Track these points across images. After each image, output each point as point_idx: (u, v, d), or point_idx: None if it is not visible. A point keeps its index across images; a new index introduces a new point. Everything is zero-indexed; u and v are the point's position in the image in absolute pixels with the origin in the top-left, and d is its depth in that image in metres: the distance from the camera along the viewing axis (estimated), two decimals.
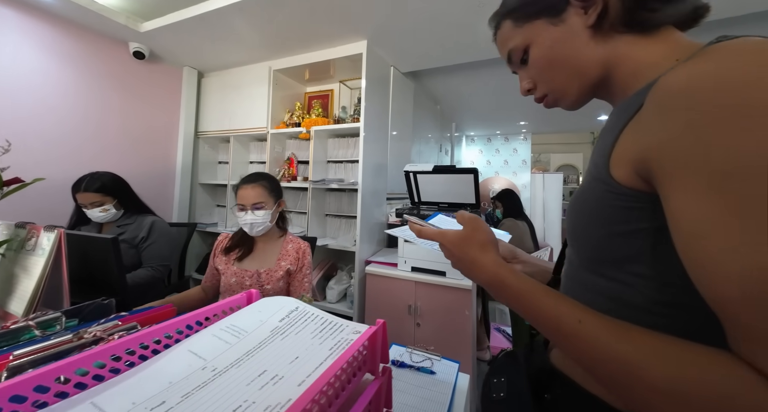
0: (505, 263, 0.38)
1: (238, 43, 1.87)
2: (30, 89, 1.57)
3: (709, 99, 0.23)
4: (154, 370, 0.35)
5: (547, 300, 0.32)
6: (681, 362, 0.23)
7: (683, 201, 0.25)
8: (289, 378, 0.33)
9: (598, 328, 0.28)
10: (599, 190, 0.33)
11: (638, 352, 0.25)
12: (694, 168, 0.24)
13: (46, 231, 0.55)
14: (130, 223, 1.42)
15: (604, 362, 0.27)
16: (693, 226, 0.24)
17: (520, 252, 0.57)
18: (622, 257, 0.33)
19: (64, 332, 0.45)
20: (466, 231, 0.42)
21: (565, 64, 0.38)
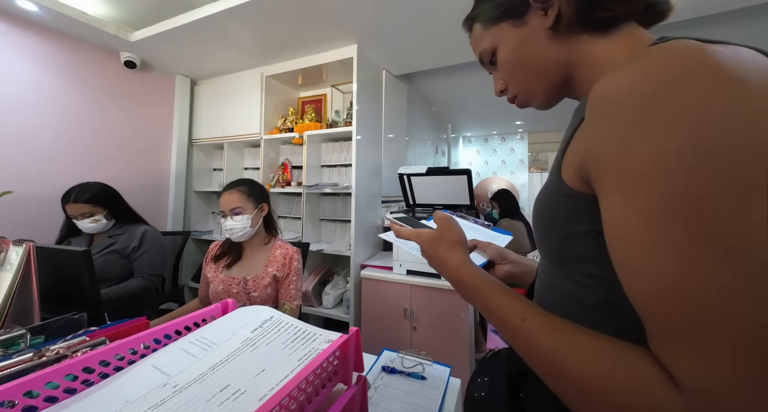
0: (468, 263, 0.40)
1: (230, 50, 1.87)
2: (21, 103, 1.57)
3: (624, 108, 0.24)
4: (111, 389, 0.34)
5: (498, 298, 0.34)
6: (598, 359, 0.24)
7: (608, 205, 0.26)
8: (251, 392, 0.32)
9: (537, 326, 0.29)
10: (554, 192, 0.34)
11: (564, 350, 0.26)
12: (614, 174, 0.25)
13: (15, 245, 0.54)
14: (121, 233, 1.40)
15: (539, 360, 0.28)
16: (614, 229, 0.25)
17: (508, 253, 0.58)
18: (575, 258, 0.34)
19: (27, 350, 0.43)
20: (437, 231, 0.44)
21: (528, 66, 0.39)
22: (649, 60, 0.25)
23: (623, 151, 0.24)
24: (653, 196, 0.22)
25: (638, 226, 0.23)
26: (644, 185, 0.23)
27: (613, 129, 0.25)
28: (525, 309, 0.31)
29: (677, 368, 0.21)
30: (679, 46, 0.25)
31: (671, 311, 0.21)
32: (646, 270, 0.23)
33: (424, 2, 1.38)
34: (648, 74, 0.24)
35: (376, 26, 1.56)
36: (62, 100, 1.71)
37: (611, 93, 0.26)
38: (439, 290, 1.43)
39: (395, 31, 1.61)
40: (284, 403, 0.28)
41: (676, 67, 0.23)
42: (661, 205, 0.22)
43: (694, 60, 0.23)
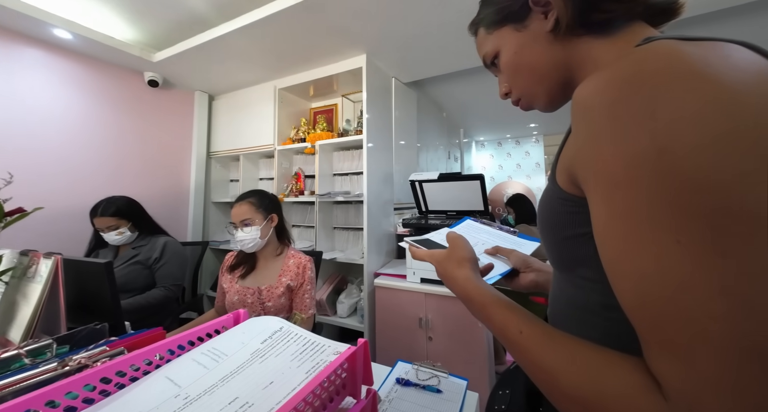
0: (473, 278, 0.40)
1: (244, 65, 1.95)
2: (53, 122, 1.69)
3: (594, 111, 0.25)
4: (126, 400, 0.34)
5: (499, 311, 0.34)
6: (587, 370, 0.24)
7: (591, 207, 0.26)
8: (258, 406, 0.31)
9: (533, 338, 0.29)
10: (551, 196, 0.35)
11: (556, 361, 0.26)
12: (593, 177, 0.25)
13: (45, 258, 0.57)
14: (144, 244, 1.46)
15: (535, 371, 0.28)
16: (597, 231, 0.26)
17: (532, 261, 0.57)
18: (573, 261, 0.34)
19: (53, 359, 0.45)
20: (448, 250, 0.46)
21: (529, 69, 0.39)
22: (623, 62, 0.25)
23: (597, 154, 0.24)
24: (626, 198, 0.22)
25: (615, 228, 0.23)
26: (617, 187, 0.23)
27: (587, 132, 0.26)
28: (523, 322, 0.31)
29: (660, 374, 0.21)
30: (651, 47, 0.24)
31: (648, 313, 0.21)
32: (625, 272, 0.23)
33: (431, 11, 1.39)
34: (615, 76, 0.24)
35: (384, 36, 1.59)
36: (90, 118, 1.83)
37: (584, 96, 0.26)
38: (454, 299, 1.39)
39: (403, 40, 1.63)
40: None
41: (640, 69, 0.23)
42: (634, 205, 0.22)
43: (659, 60, 0.23)
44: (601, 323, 0.32)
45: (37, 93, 1.63)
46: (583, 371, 0.24)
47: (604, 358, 0.24)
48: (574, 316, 0.35)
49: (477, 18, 0.45)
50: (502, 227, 0.71)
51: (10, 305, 0.58)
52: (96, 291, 0.65)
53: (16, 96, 1.56)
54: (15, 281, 0.61)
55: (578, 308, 0.34)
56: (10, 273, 0.61)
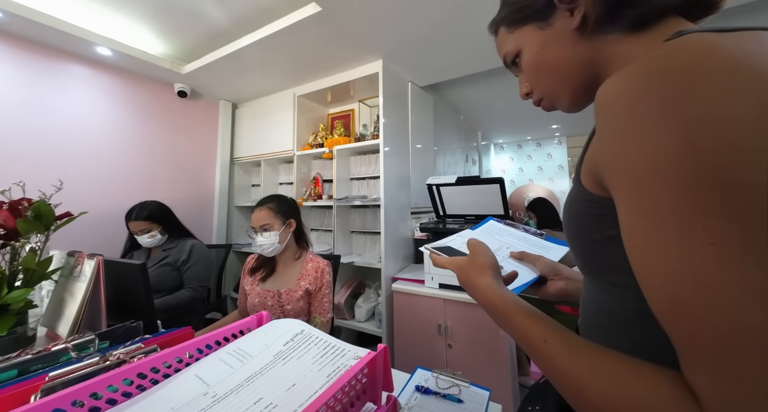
0: (495, 286, 0.39)
1: (265, 75, 2.03)
2: (91, 132, 1.82)
3: (617, 108, 0.24)
4: (160, 395, 0.36)
5: (522, 320, 0.33)
6: (619, 381, 0.23)
7: (618, 208, 0.25)
8: (282, 407, 0.32)
9: (558, 348, 0.28)
10: (576, 198, 0.34)
11: (584, 371, 0.25)
12: (618, 176, 0.25)
13: (89, 259, 0.62)
14: (173, 246, 1.54)
15: (560, 381, 0.27)
16: (624, 233, 0.25)
17: (561, 268, 0.54)
18: (602, 266, 0.33)
19: (95, 354, 0.48)
20: (469, 257, 0.45)
21: (553, 68, 0.38)
22: (649, 57, 0.24)
23: (621, 153, 0.24)
24: (652, 197, 0.22)
25: (641, 228, 0.23)
26: (642, 186, 0.22)
27: (612, 130, 0.25)
28: (547, 330, 0.30)
29: (698, 387, 0.19)
30: (681, 42, 0.23)
31: (681, 319, 0.20)
32: (654, 275, 0.22)
33: (446, 14, 1.39)
34: (641, 72, 0.23)
35: (400, 41, 1.60)
36: (125, 128, 1.96)
37: (608, 94, 0.25)
38: (474, 305, 1.36)
39: (419, 44, 1.64)
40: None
41: (668, 64, 0.22)
42: (662, 205, 0.21)
43: (688, 55, 0.22)
44: (636, 332, 0.30)
45: (80, 107, 1.77)
46: (613, 383, 0.23)
47: (636, 369, 0.23)
48: (605, 324, 0.33)
49: (498, 17, 0.44)
50: (527, 228, 0.67)
51: (59, 302, 0.63)
52: (131, 291, 0.70)
53: (63, 110, 1.70)
54: (63, 279, 0.66)
55: (610, 316, 0.33)
56: (59, 272, 0.66)
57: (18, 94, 1.55)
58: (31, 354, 0.45)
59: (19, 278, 0.58)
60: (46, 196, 0.65)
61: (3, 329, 0.52)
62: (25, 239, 0.59)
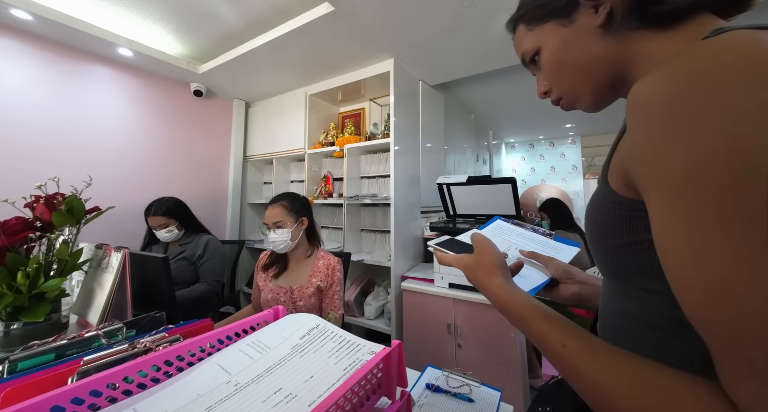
0: (506, 287, 0.39)
1: (277, 74, 2.06)
2: (114, 132, 1.90)
3: (657, 109, 0.23)
4: (186, 382, 0.38)
5: (539, 323, 0.33)
6: (650, 389, 0.23)
7: (651, 211, 0.25)
8: (301, 397, 0.34)
9: (579, 353, 0.28)
10: (603, 200, 0.33)
11: (611, 379, 0.25)
12: (654, 179, 0.24)
13: (116, 251, 0.65)
14: (189, 242, 1.60)
15: (584, 387, 0.27)
16: (658, 237, 0.24)
17: (575, 271, 0.53)
18: (630, 270, 0.31)
19: (124, 341, 0.51)
20: (474, 255, 0.45)
21: (574, 66, 0.37)
22: (688, 56, 0.23)
23: (659, 155, 0.23)
24: (693, 201, 0.21)
25: (679, 234, 0.22)
26: (683, 190, 0.22)
27: (648, 131, 0.24)
28: (566, 334, 0.30)
29: (738, 397, 0.19)
30: (723, 39, 0.22)
31: (724, 328, 0.20)
32: (694, 283, 0.21)
33: (458, 14, 1.38)
34: (682, 71, 0.22)
35: (412, 40, 1.60)
36: (143, 127, 2.03)
37: (646, 93, 0.24)
38: (485, 306, 1.36)
39: (430, 43, 1.64)
40: (332, 411, 0.29)
41: (711, 63, 0.21)
42: (702, 210, 0.20)
43: (732, 53, 0.21)
44: (667, 339, 0.29)
45: (103, 106, 1.84)
46: (643, 392, 0.23)
47: (667, 377, 0.23)
48: (627, 329, 0.32)
49: (517, 14, 0.43)
50: (536, 228, 0.65)
51: (89, 292, 0.67)
52: (154, 282, 0.73)
53: (88, 109, 1.78)
54: (92, 270, 0.70)
55: (636, 321, 0.31)
56: (89, 263, 0.70)
57: (48, 94, 1.62)
58: (66, 340, 0.48)
59: (53, 268, 0.62)
60: (77, 192, 0.69)
61: (40, 315, 0.56)
62: (59, 232, 0.63)
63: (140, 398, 0.36)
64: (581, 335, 0.29)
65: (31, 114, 1.57)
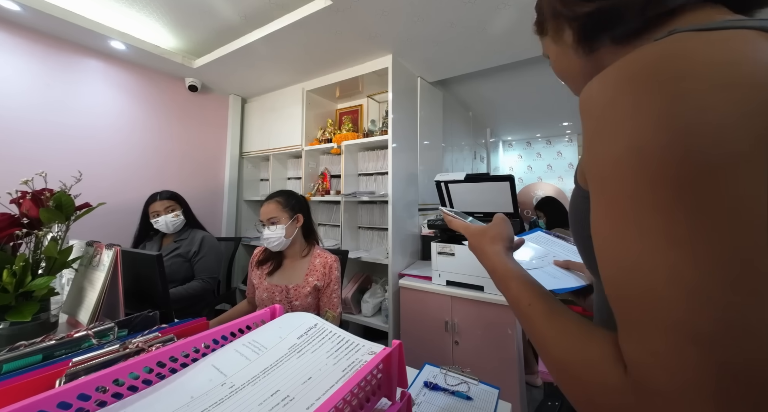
0: (502, 255, 0.43)
1: (274, 69, 2.03)
2: (107, 126, 1.86)
3: (588, 113, 0.26)
4: (179, 384, 0.37)
5: (516, 284, 0.37)
6: (571, 341, 0.27)
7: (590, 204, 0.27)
8: (299, 400, 0.33)
9: (538, 311, 0.32)
10: (575, 194, 0.36)
11: (550, 332, 0.29)
12: (589, 177, 0.27)
13: (107, 249, 0.63)
14: (185, 238, 1.57)
15: (534, 339, 0.31)
16: (591, 227, 0.27)
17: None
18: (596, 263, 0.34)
19: (115, 341, 0.50)
20: (486, 226, 0.49)
21: (567, 78, 0.41)
22: (619, 61, 0.25)
23: (591, 153, 0.26)
24: (610, 193, 0.24)
25: (600, 222, 0.25)
26: (604, 183, 0.25)
27: (585, 130, 0.27)
28: (534, 296, 0.34)
29: (623, 349, 0.23)
30: (658, 45, 0.24)
31: (616, 296, 0.24)
32: (604, 263, 0.25)
33: (457, 10, 1.37)
34: (608, 76, 0.25)
35: (411, 36, 1.59)
36: (137, 121, 1.99)
37: (583, 97, 0.27)
38: (482, 303, 1.36)
39: (430, 40, 1.62)
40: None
41: (628, 69, 0.24)
42: (615, 200, 0.24)
43: (639, 64, 0.23)
44: None
45: (94, 100, 1.80)
46: (569, 341, 0.27)
47: (589, 331, 0.27)
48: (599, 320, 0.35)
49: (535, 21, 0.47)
50: (568, 239, 0.68)
51: (79, 290, 0.65)
52: (147, 280, 0.71)
53: (79, 103, 1.73)
54: (82, 268, 0.68)
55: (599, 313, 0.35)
56: (79, 261, 0.68)
57: (36, 87, 1.58)
58: (55, 340, 0.47)
59: (41, 266, 0.60)
60: (66, 187, 0.67)
61: (27, 314, 0.54)
62: (47, 228, 0.61)
63: (131, 401, 0.35)
64: (546, 298, 0.33)
65: (19, 108, 1.53)
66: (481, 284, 1.39)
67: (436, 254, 1.52)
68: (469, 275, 1.42)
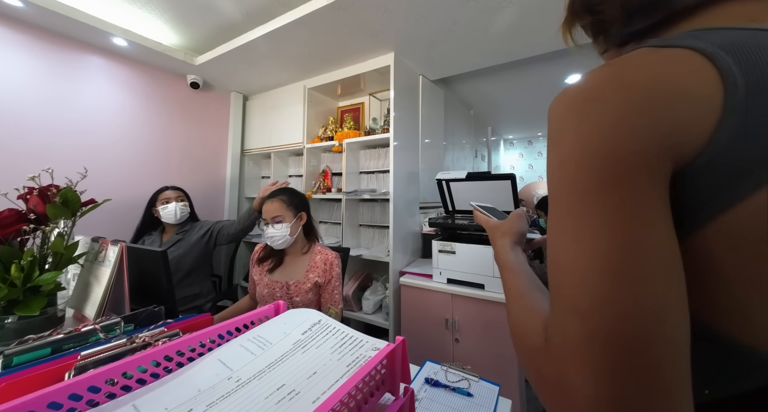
0: (508, 249, 0.47)
1: (276, 66, 2.02)
2: (110, 123, 1.86)
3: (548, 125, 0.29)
4: (186, 377, 0.38)
5: (508, 273, 0.41)
6: (523, 315, 0.32)
7: None
8: (305, 394, 0.33)
9: (512, 294, 0.37)
10: None
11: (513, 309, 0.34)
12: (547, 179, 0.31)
13: (112, 245, 0.64)
14: (188, 229, 1.60)
15: (508, 315, 0.36)
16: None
17: None
18: None
19: (122, 336, 0.50)
20: (502, 222, 0.54)
21: None
22: (582, 77, 0.28)
23: (547, 159, 0.30)
24: (550, 197, 0.29)
25: (549, 220, 0.29)
26: (549, 188, 0.29)
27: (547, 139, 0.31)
28: (519, 282, 0.38)
29: (548, 322, 0.27)
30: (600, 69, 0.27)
31: (552, 283, 0.28)
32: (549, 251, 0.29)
33: (461, 8, 1.36)
34: (562, 96, 0.28)
35: (414, 34, 1.58)
36: (139, 118, 1.99)
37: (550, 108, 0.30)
38: (483, 301, 1.37)
39: (432, 38, 1.61)
40: (336, 408, 0.29)
41: (573, 90, 0.27)
42: (552, 203, 0.28)
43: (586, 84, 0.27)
44: None
45: (97, 97, 1.80)
46: (519, 314, 0.33)
47: (534, 308, 0.32)
48: None
49: None
50: None
51: (85, 286, 0.66)
52: (152, 276, 0.72)
53: (81, 100, 1.74)
54: (88, 264, 0.69)
55: None
56: (84, 257, 0.69)
57: (40, 84, 1.58)
58: (63, 334, 0.48)
59: (48, 262, 0.61)
60: (72, 183, 0.67)
61: (36, 309, 0.55)
62: (54, 224, 0.62)
63: (140, 393, 0.35)
64: (526, 284, 0.37)
65: (23, 103, 1.53)
66: (482, 282, 1.40)
67: (437, 252, 1.52)
68: (469, 273, 1.43)
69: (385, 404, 0.36)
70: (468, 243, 1.46)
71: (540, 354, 0.26)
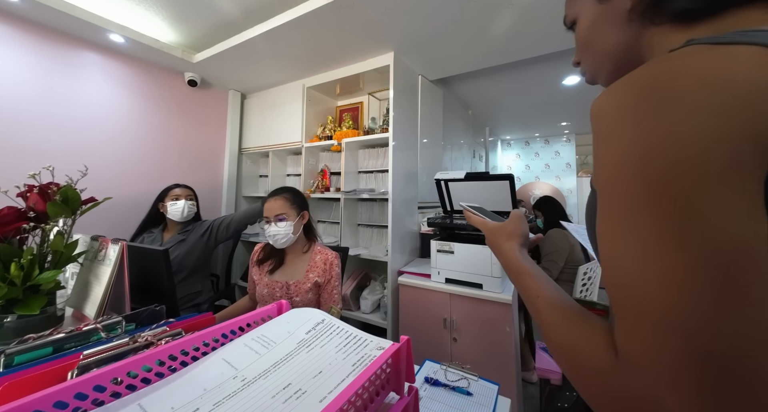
0: (516, 251, 0.46)
1: (275, 65, 2.01)
2: (107, 120, 1.84)
3: (597, 124, 0.28)
4: (191, 376, 0.38)
5: (527, 279, 0.40)
6: (569, 329, 0.30)
7: None
8: (311, 393, 0.34)
9: (543, 302, 0.35)
10: (591, 193, 0.37)
11: (552, 321, 0.33)
12: (595, 179, 0.29)
13: (113, 243, 0.64)
14: (190, 229, 1.60)
15: (541, 327, 0.34)
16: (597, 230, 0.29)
17: None
18: None
19: (123, 335, 0.50)
20: (503, 223, 0.51)
21: (598, 45, 0.38)
22: (631, 74, 0.26)
23: (594, 160, 0.28)
24: (609, 197, 0.27)
25: (601, 226, 0.28)
26: (603, 190, 0.27)
27: (593, 140, 0.29)
28: (542, 288, 0.37)
29: (616, 337, 0.25)
30: (668, 58, 0.25)
31: (612, 293, 0.26)
32: (604, 262, 0.27)
33: (461, 8, 1.37)
34: (618, 87, 0.26)
35: (414, 34, 1.58)
36: (137, 116, 1.97)
37: (595, 105, 0.28)
38: (481, 300, 1.38)
39: (431, 38, 1.62)
40: (344, 407, 0.29)
41: (635, 84, 0.25)
42: (612, 204, 0.26)
43: (646, 75, 0.25)
44: None
45: (94, 94, 1.78)
46: (570, 329, 0.30)
47: (587, 320, 0.30)
48: None
49: None
50: None
51: (85, 285, 0.65)
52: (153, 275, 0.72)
53: (78, 97, 1.71)
54: (88, 263, 0.69)
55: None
56: (84, 255, 0.69)
57: (37, 81, 1.56)
58: (64, 333, 0.47)
59: (47, 260, 0.61)
60: (72, 181, 0.67)
61: (36, 308, 0.54)
62: (54, 222, 0.61)
63: (145, 393, 0.35)
64: (552, 291, 0.36)
65: (20, 100, 1.51)
66: (480, 282, 1.41)
67: (436, 251, 1.53)
68: (467, 272, 1.44)
69: (390, 403, 0.37)
70: (466, 243, 1.47)
71: (610, 373, 0.24)
